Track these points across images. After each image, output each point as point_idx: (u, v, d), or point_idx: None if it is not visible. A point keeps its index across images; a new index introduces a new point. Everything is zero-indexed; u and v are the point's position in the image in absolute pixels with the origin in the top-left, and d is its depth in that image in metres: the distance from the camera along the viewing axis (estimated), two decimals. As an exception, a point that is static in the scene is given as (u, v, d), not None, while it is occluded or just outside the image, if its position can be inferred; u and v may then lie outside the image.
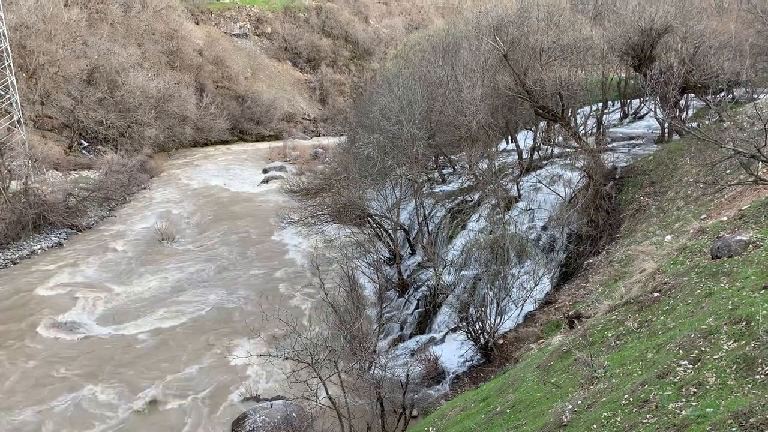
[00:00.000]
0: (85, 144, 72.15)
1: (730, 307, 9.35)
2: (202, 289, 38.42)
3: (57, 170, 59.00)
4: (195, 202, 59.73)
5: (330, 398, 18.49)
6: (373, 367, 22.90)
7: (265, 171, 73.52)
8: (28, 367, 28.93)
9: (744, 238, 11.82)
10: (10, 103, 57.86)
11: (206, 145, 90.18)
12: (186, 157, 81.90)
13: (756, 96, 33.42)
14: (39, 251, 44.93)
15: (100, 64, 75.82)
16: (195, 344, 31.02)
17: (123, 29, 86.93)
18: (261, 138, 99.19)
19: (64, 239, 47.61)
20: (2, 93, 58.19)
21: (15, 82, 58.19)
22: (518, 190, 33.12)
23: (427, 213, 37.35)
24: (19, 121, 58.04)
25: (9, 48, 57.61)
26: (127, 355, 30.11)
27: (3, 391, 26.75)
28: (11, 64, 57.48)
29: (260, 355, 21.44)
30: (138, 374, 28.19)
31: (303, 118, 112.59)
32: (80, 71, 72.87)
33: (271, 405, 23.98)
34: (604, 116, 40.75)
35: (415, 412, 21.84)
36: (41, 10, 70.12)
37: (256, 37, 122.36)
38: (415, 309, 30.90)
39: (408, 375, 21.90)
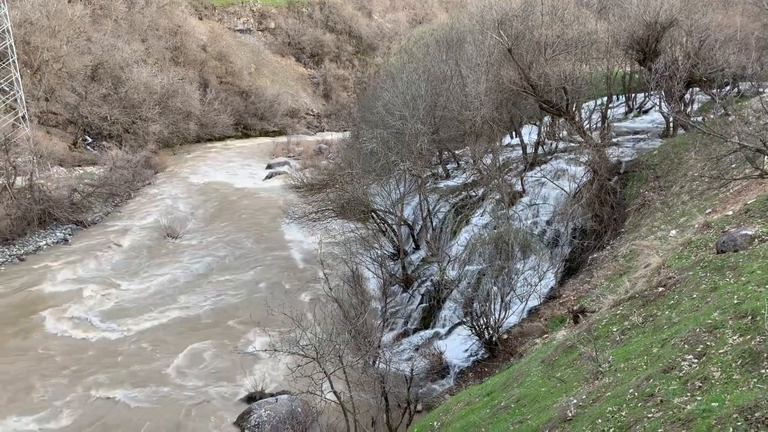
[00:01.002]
0: (90, 140, 72.32)
1: (735, 301, 9.34)
2: (207, 284, 38.54)
3: (62, 166, 59.20)
4: (199, 198, 59.85)
5: (335, 393, 18.55)
6: (377, 362, 22.98)
7: (269, 166, 73.57)
8: (35, 362, 29.08)
9: (749, 233, 11.79)
10: (15, 99, 58.02)
11: (210, 140, 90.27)
12: (190, 153, 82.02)
13: (762, 90, 33.24)
14: (44, 247, 45.11)
15: (104, 60, 75.96)
16: (200, 339, 31.13)
17: (127, 25, 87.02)
18: (265, 133, 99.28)
19: (70, 235, 47.78)
20: (7, 89, 58.37)
21: (19, 78, 58.34)
22: (522, 184, 33.08)
23: (431, 208, 37.34)
24: (23, 117, 58.21)
25: (13, 44, 57.74)
26: (133, 349, 30.23)
27: (10, 387, 26.89)
28: (15, 60, 57.61)
29: (265, 350, 21.48)
30: (143, 369, 28.31)
31: (307, 114, 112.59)
32: (84, 67, 73.02)
33: (276, 400, 24.07)
34: (609, 110, 40.62)
35: (419, 407, 21.90)
36: (45, 6, 70.26)
37: (260, 32, 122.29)
38: (419, 304, 30.93)
39: (412, 370, 21.95)
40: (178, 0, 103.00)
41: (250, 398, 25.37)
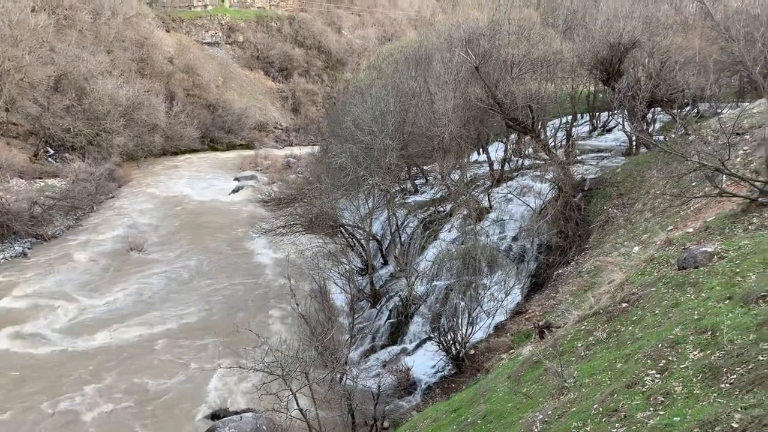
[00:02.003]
0: (52, 152, 70.71)
1: (696, 317, 9.52)
2: (171, 300, 37.84)
3: (22, 178, 57.63)
4: (164, 212, 58.91)
5: (301, 410, 18.32)
6: (344, 379, 22.79)
7: (236, 180, 72.91)
8: (-11, 380, 28.12)
9: (709, 250, 12.06)
10: (-26, 110, 56.54)
11: (176, 153, 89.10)
12: (155, 166, 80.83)
13: (720, 110, 34.29)
14: (2, 261, 43.77)
15: (68, 70, 74.53)
16: (163, 356, 30.50)
17: (92, 36, 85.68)
18: (232, 147, 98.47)
19: (29, 249, 46.49)
20: (-35, 99, 56.88)
21: (-21, 88, 56.92)
22: (489, 201, 33.38)
23: (399, 223, 37.40)
24: (-18, 127, 56.72)
25: (-27, 53, 56.38)
26: (92, 367, 29.44)
27: (-38, 406, 25.94)
28: (-25, 70, 56.24)
29: (230, 367, 21.15)
30: (104, 387, 27.58)
31: (275, 128, 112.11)
32: (47, 78, 71.50)
33: (241, 417, 23.64)
34: (574, 129, 41.35)
35: (386, 424, 21.75)
36: (7, 15, 68.73)
37: (228, 45, 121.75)
38: (387, 319, 30.84)
39: (379, 386, 21.82)
40: (145, 12, 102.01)
41: (214, 416, 24.90)
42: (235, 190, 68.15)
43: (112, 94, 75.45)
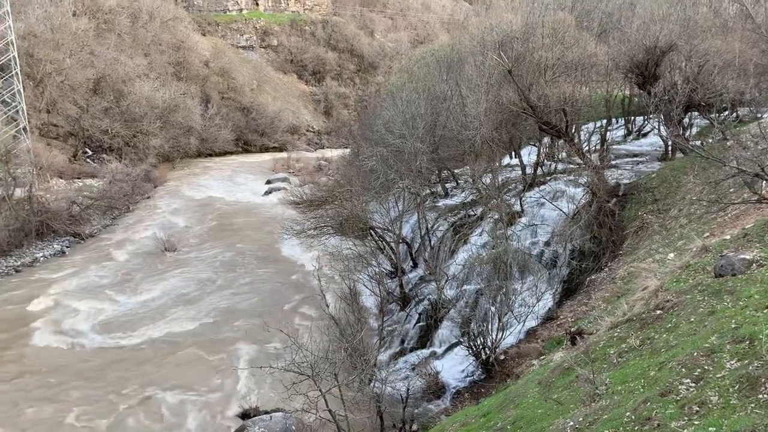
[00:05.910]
0: (90, 153, 72.54)
1: (733, 325, 9.33)
2: (203, 299, 38.39)
3: (61, 178, 59.30)
4: (198, 212, 59.84)
5: (330, 411, 18.40)
6: (373, 381, 22.81)
7: (268, 182, 73.71)
8: (26, 376, 28.86)
9: (747, 257, 11.80)
10: (17, 111, 58.21)
11: (210, 155, 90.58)
12: (190, 167, 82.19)
13: (760, 115, 33.46)
14: (41, 259, 44.99)
15: (107, 73, 76.47)
16: (195, 355, 30.95)
17: (130, 39, 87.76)
18: (265, 149, 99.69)
19: (67, 247, 47.70)
20: (9, 101, 58.59)
21: (22, 90, 58.62)
22: (521, 205, 33.13)
23: (429, 226, 37.33)
24: (24, 128, 58.36)
25: (17, 56, 58.07)
26: (126, 364, 30.03)
27: (1, 402, 26.66)
28: (19, 72, 57.90)
29: (261, 367, 21.33)
30: (137, 384, 28.09)
31: (307, 130, 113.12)
32: (87, 80, 73.50)
33: (271, 417, 23.85)
34: (608, 133, 40.79)
35: (414, 427, 21.72)
36: (49, 20, 70.86)
37: (262, 49, 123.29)
38: (416, 323, 30.80)
39: (408, 389, 21.80)
40: (182, 16, 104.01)
41: (245, 415, 25.14)
42: (268, 192, 68.93)
43: (149, 96, 77.15)
